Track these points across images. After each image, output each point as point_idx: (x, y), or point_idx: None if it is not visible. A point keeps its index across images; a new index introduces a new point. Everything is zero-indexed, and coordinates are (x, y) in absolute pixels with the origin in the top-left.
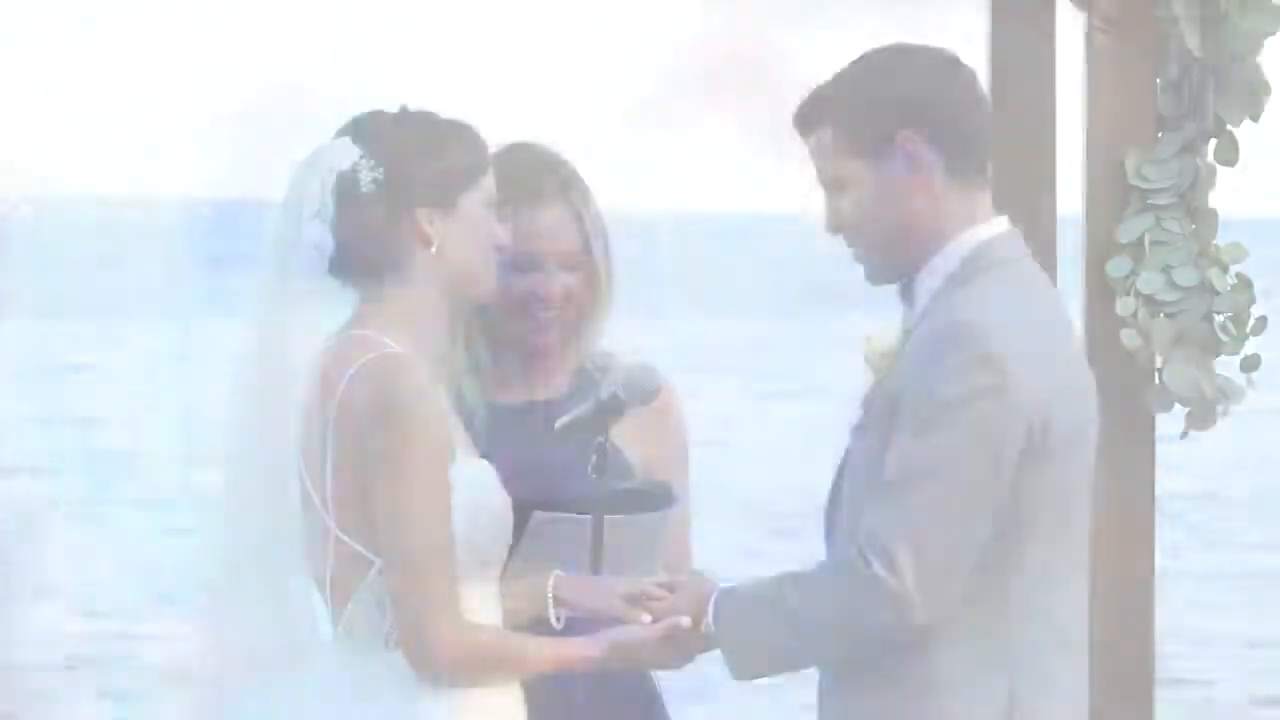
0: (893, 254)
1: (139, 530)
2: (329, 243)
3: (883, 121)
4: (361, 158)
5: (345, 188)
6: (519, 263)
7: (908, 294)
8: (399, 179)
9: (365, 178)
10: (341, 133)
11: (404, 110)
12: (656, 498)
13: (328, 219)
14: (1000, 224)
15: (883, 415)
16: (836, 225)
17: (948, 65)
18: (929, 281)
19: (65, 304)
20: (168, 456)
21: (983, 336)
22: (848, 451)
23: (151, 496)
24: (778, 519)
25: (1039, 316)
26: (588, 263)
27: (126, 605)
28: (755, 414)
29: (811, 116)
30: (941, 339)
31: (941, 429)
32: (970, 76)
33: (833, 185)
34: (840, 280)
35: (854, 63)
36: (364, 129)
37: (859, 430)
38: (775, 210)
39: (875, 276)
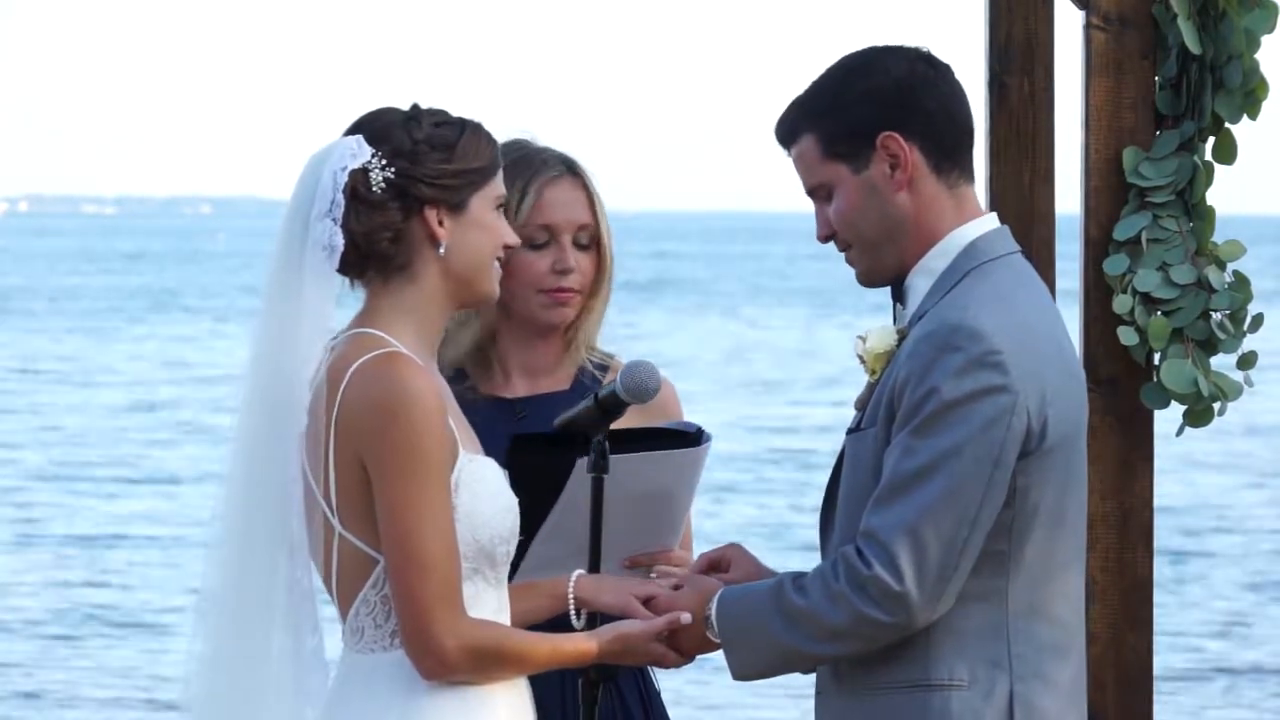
0: (883, 255)
1: None
2: (339, 241)
3: (862, 125)
4: (374, 156)
5: (357, 186)
6: (534, 240)
7: (899, 294)
8: (411, 179)
9: (377, 176)
10: (352, 130)
11: (415, 108)
12: (691, 435)
13: (338, 217)
14: (989, 221)
15: (879, 416)
16: (827, 234)
17: (922, 64)
18: (921, 281)
19: None
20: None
21: (984, 337)
22: (843, 452)
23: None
24: None
25: (1034, 313)
26: (596, 240)
27: None
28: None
29: (791, 128)
30: (941, 339)
31: (944, 429)
32: (946, 72)
33: (819, 193)
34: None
35: (828, 70)
36: (376, 127)
37: (854, 432)
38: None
39: (867, 279)
